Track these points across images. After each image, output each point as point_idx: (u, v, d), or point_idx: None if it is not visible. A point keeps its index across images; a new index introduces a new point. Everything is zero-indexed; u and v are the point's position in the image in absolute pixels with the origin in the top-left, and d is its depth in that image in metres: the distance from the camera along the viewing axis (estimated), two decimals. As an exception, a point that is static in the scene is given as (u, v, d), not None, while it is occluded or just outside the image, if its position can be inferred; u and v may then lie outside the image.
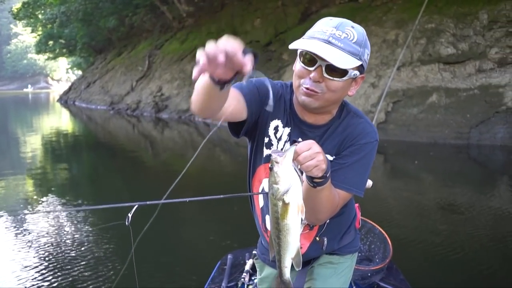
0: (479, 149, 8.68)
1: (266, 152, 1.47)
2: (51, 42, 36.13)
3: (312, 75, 1.26)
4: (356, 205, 1.66)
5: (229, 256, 2.58)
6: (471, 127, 8.97)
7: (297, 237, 1.14)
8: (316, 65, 1.24)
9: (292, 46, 1.28)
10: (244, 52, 0.90)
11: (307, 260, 1.54)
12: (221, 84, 0.99)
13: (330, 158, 1.39)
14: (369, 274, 2.38)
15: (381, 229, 2.68)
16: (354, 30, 1.26)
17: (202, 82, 1.08)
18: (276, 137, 1.45)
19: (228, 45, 0.88)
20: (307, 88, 1.28)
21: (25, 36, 75.60)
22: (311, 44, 1.23)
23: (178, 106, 16.61)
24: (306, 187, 1.18)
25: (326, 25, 1.27)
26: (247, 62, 0.90)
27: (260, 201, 1.55)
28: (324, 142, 1.40)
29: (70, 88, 33.67)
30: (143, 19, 24.98)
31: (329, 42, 1.22)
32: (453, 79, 9.67)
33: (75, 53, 37.49)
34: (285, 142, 1.43)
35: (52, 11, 28.57)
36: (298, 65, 1.31)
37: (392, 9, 11.75)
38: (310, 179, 1.15)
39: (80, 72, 43.38)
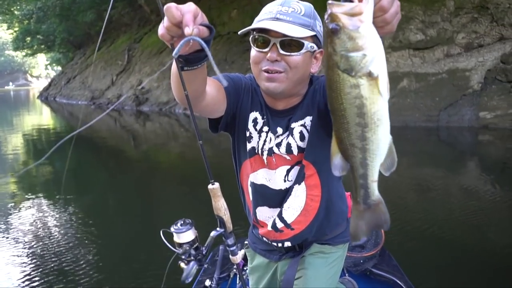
0: (448, 131, 8.86)
1: (248, 146, 1.42)
2: (28, 39, 35.09)
3: (268, 55, 1.20)
4: (348, 193, 1.57)
5: (221, 248, 2.53)
6: (440, 110, 9.17)
7: (389, 128, 0.80)
8: (271, 44, 1.19)
9: (241, 31, 1.25)
10: (201, 24, 0.86)
11: (299, 247, 1.51)
12: (183, 61, 0.95)
13: (309, 118, 1.34)
14: (361, 261, 2.36)
15: None
16: (300, 4, 1.23)
17: (172, 67, 1.05)
18: (256, 129, 1.41)
19: (185, 6, 0.85)
20: (266, 71, 1.22)
21: (1, 33, 73.23)
22: (260, 24, 1.19)
23: (158, 99, 16.46)
24: None
25: (271, 6, 1.23)
26: (189, 23, 0.84)
27: (250, 192, 1.50)
28: (295, 115, 1.36)
29: (50, 84, 32.98)
30: (121, 13, 24.49)
31: (277, 19, 1.18)
32: (423, 64, 9.85)
33: (54, 49, 36.57)
34: (266, 133, 1.39)
35: (29, 6, 27.71)
36: (253, 52, 1.26)
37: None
38: None
39: (59, 68, 42.36)
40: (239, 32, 1.27)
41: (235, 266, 2.24)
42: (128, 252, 3.76)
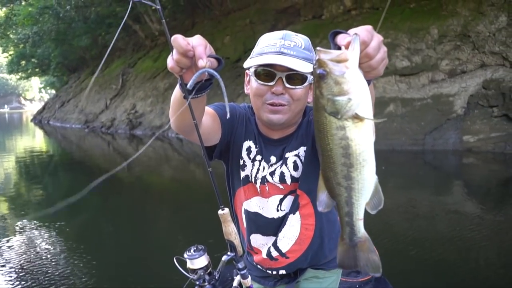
0: (434, 154, 9.03)
1: (242, 174, 1.42)
2: (23, 62, 35.09)
3: (274, 89, 1.21)
4: None
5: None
6: (426, 134, 9.34)
7: (374, 169, 0.82)
8: (276, 78, 1.20)
9: (246, 64, 1.24)
10: (210, 56, 0.90)
11: (294, 274, 1.51)
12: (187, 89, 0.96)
13: (303, 148, 1.35)
14: (357, 286, 2.34)
15: None
16: (300, 38, 1.25)
17: (174, 95, 1.06)
18: (249, 158, 1.41)
19: (195, 40, 0.89)
20: (271, 104, 1.23)
21: (-4, 56, 73.15)
22: (266, 58, 1.19)
23: (151, 123, 16.49)
24: None
25: (272, 39, 1.24)
26: (203, 56, 0.87)
27: (243, 219, 1.49)
28: (289, 144, 1.37)
29: (44, 108, 32.86)
30: (116, 38, 24.68)
31: (282, 53, 1.19)
32: (409, 90, 10.06)
33: (48, 73, 36.55)
34: (259, 161, 1.39)
35: (25, 31, 27.80)
36: (255, 85, 1.25)
37: (353, 25, 11.74)
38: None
39: (53, 92, 42.25)
40: (244, 65, 1.26)
41: None
42: (136, 278, 3.65)
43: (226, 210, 1.17)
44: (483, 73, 9.41)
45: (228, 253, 1.21)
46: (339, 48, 0.79)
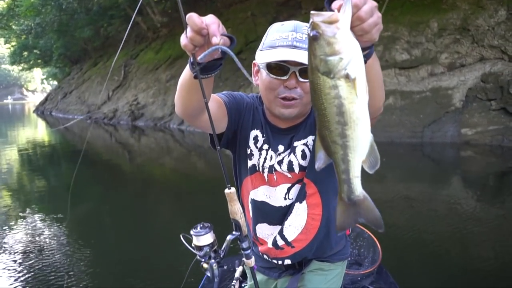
0: (432, 147, 9.05)
1: (249, 163, 1.42)
2: (26, 53, 35.05)
3: (287, 83, 1.20)
4: None
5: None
6: (424, 126, 9.35)
7: (369, 127, 0.82)
8: (290, 72, 1.19)
9: (258, 58, 1.24)
10: (222, 34, 0.91)
11: (299, 265, 1.51)
12: (197, 67, 0.96)
13: (312, 137, 1.35)
14: (359, 278, 2.34)
15: (370, 233, 2.63)
16: None
17: (183, 76, 1.06)
18: (256, 147, 1.40)
19: (208, 18, 0.91)
20: (284, 98, 1.22)
21: (-2, 47, 72.82)
22: (280, 53, 1.18)
23: (153, 114, 16.50)
24: None
25: (283, 31, 1.22)
26: (216, 33, 0.89)
27: (250, 209, 1.48)
28: (297, 133, 1.36)
29: (46, 99, 32.85)
30: (118, 30, 24.59)
31: (295, 47, 1.17)
32: (408, 83, 10.04)
33: (51, 64, 36.48)
34: (266, 150, 1.39)
35: (27, 22, 27.66)
36: (267, 78, 1.24)
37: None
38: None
39: (55, 83, 42.14)
40: (256, 58, 1.25)
41: (234, 282, 2.16)
42: (144, 256, 3.78)
43: (233, 189, 1.18)
44: (482, 67, 9.39)
45: (233, 232, 1.22)
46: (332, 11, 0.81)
